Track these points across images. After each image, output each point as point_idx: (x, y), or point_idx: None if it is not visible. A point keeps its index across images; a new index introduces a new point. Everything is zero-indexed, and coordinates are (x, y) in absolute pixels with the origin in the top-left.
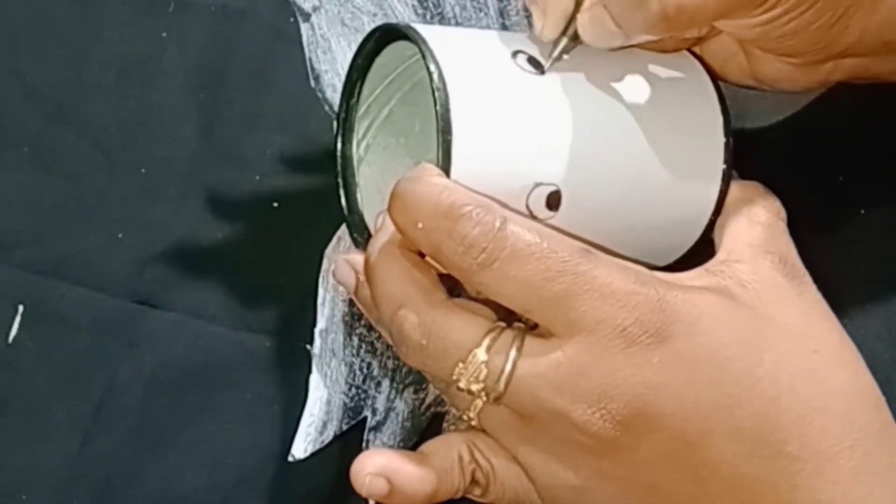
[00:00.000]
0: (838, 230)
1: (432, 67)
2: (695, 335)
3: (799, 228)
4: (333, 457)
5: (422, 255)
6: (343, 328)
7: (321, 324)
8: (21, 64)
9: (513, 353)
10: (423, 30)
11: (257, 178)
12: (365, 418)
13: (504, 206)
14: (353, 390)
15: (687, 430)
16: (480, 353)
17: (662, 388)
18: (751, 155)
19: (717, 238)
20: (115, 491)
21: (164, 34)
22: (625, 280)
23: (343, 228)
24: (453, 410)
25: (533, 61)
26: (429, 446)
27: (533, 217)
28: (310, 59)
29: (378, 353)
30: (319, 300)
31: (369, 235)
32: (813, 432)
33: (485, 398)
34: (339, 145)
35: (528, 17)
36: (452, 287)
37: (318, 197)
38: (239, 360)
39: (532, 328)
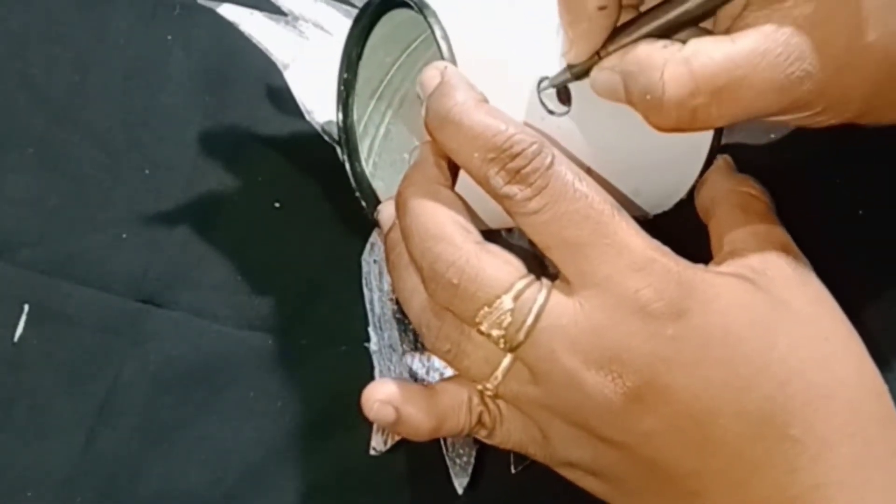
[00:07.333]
0: (837, 230)
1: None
2: (709, 314)
3: (798, 228)
4: (335, 454)
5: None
6: (396, 325)
7: (373, 321)
8: (27, 66)
9: (538, 305)
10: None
11: (259, 178)
12: None
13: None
14: (419, 383)
15: (694, 407)
16: (507, 300)
17: (673, 362)
18: (750, 155)
19: (717, 233)
20: (120, 488)
21: (168, 37)
22: (645, 246)
23: (375, 234)
24: None
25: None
26: (441, 384)
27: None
28: (300, 100)
29: None
30: (366, 300)
31: None
32: (817, 419)
33: (503, 346)
34: (347, 165)
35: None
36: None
37: (318, 197)
38: (242, 358)
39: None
